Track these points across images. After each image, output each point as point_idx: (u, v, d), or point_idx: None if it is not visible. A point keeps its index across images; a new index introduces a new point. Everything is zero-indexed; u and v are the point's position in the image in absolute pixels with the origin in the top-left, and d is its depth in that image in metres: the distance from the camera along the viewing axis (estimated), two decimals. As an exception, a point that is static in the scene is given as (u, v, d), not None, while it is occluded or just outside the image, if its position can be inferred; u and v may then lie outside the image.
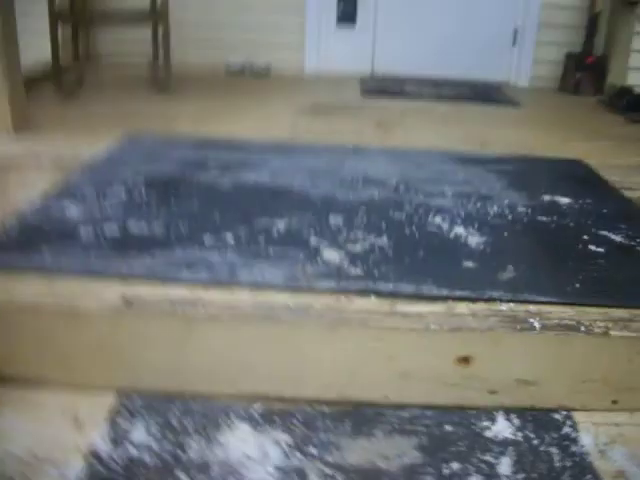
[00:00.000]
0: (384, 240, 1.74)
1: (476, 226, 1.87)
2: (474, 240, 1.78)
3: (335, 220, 1.86)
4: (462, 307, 1.45)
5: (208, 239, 1.69)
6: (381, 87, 3.94)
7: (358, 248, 1.69)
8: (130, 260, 1.56)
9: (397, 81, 4.14)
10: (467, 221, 1.91)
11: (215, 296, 1.45)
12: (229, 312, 1.41)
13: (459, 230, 1.84)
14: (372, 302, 1.45)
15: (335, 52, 4.34)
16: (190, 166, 2.28)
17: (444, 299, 1.47)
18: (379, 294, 1.47)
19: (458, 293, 1.49)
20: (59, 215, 1.79)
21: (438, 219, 1.91)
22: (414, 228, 1.83)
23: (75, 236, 1.67)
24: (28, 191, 1.99)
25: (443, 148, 2.71)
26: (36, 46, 3.59)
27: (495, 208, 2.03)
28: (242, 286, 1.48)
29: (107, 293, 1.45)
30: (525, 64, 4.32)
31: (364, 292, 1.48)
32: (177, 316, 1.40)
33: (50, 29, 3.29)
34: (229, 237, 1.71)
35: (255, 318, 1.40)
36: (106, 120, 2.91)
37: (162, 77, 3.56)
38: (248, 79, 4.19)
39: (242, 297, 1.45)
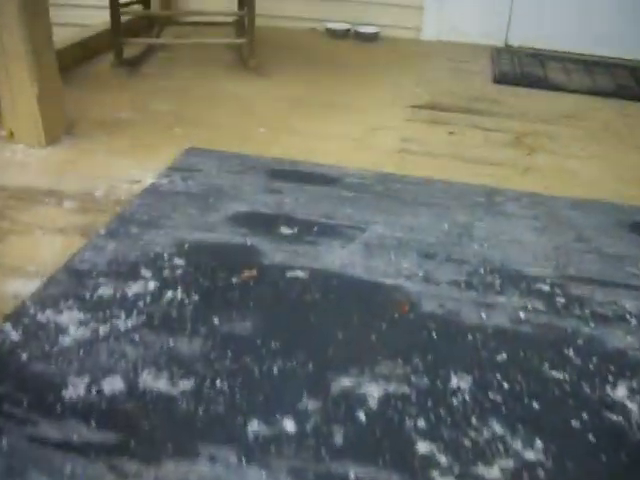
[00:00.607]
0: (538, 454, 1.05)
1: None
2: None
3: (458, 384, 1.18)
4: None
5: (253, 428, 1.06)
6: (519, 71, 3.10)
7: (494, 475, 1.01)
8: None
9: (537, 60, 3.28)
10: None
11: None
12: None
13: (659, 424, 1.13)
14: None
15: (462, 15, 3.51)
16: (254, 228, 1.64)
17: None
18: None
19: None
20: (38, 352, 1.20)
21: (620, 392, 1.20)
22: (586, 417, 1.13)
23: (51, 407, 1.08)
24: (30, 274, 1.42)
25: (612, 196, 1.94)
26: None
27: None
28: None
29: None
30: None
31: None
32: None
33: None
34: (287, 426, 1.07)
35: None
36: (164, 122, 2.29)
37: (246, 51, 2.87)
38: (352, 45, 3.45)
39: None
